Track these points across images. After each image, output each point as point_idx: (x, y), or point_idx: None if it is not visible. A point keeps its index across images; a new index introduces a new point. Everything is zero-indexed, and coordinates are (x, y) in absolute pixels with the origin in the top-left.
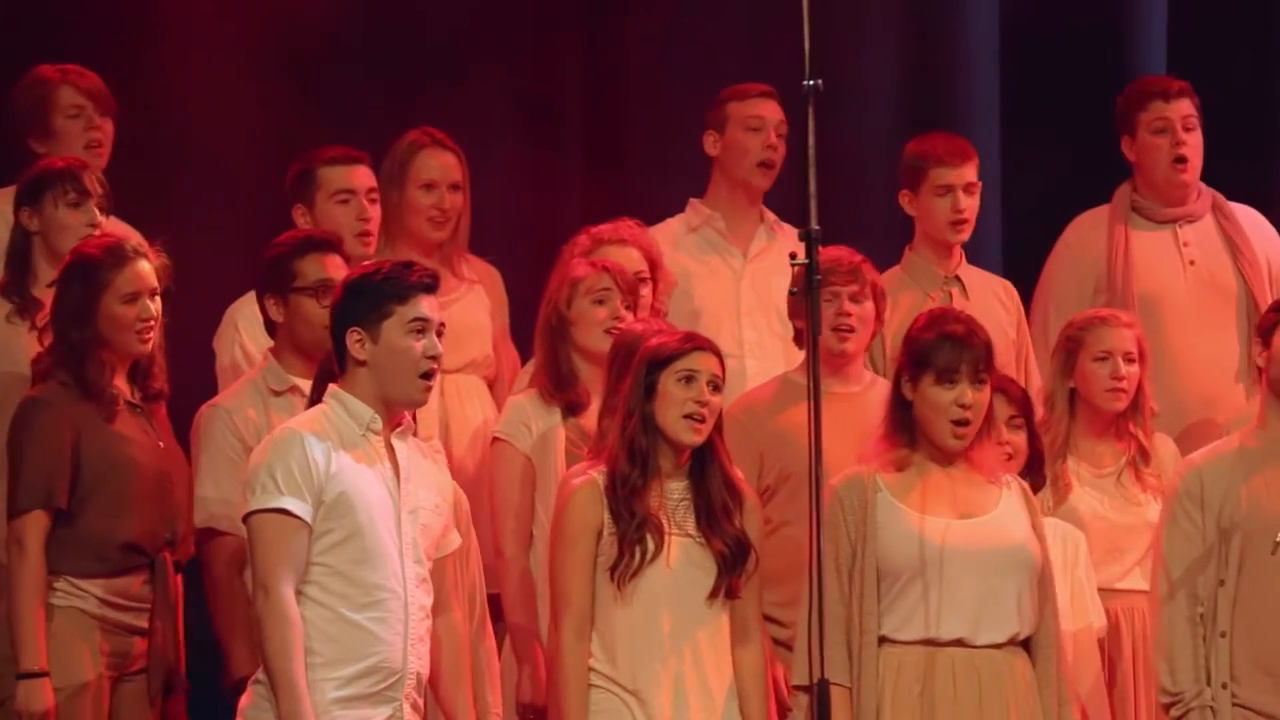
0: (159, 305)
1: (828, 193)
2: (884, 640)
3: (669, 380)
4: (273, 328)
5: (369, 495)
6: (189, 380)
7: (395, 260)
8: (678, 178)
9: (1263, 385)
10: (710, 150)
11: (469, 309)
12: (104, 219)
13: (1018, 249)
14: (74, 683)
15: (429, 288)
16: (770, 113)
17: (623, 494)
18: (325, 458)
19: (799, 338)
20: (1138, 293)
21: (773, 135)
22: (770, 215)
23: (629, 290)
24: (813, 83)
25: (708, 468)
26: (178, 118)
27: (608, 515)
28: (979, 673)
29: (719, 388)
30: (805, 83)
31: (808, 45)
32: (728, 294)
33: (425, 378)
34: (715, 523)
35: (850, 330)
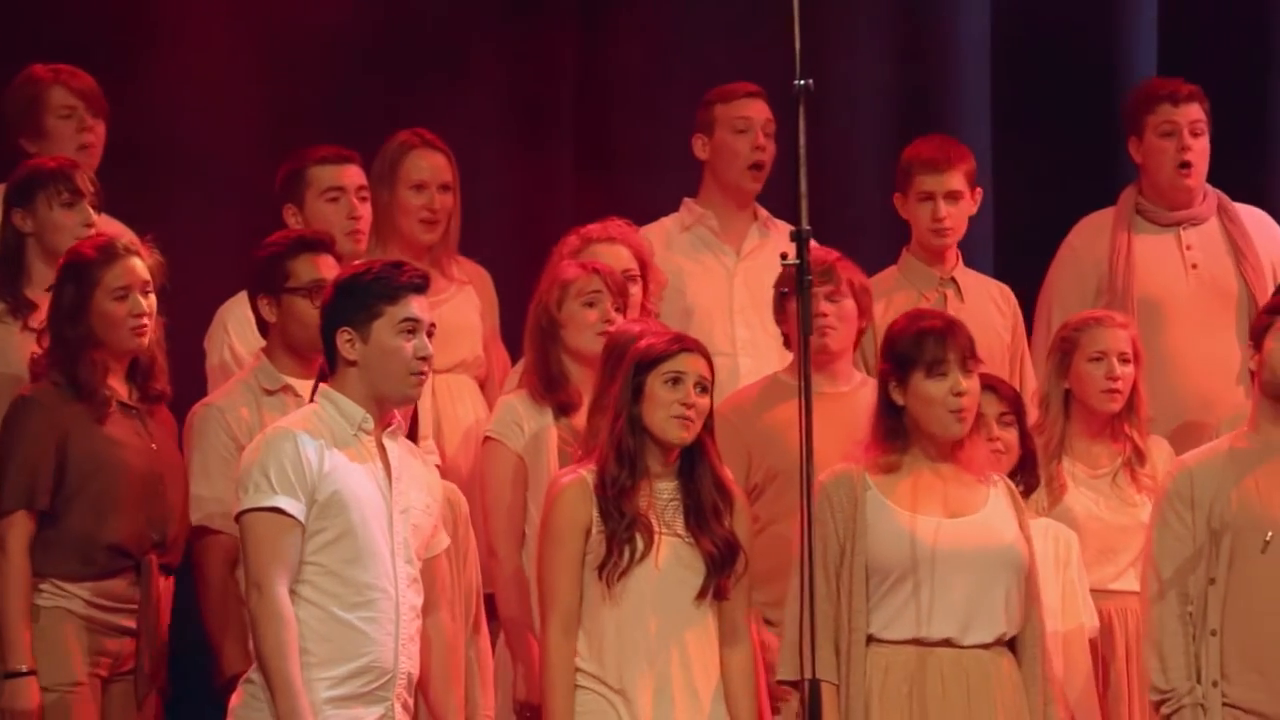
0: (153, 302)
1: (820, 193)
2: (871, 639)
3: (656, 382)
4: (265, 327)
5: (361, 494)
6: (180, 380)
7: (385, 260)
8: (669, 178)
9: (1255, 388)
10: (700, 154)
11: (459, 309)
12: (97, 217)
13: (1010, 249)
14: (64, 682)
15: (419, 288)
16: (756, 113)
17: (611, 494)
18: (318, 456)
19: (788, 342)
20: (1139, 295)
21: (760, 135)
22: (763, 213)
23: (619, 291)
24: (804, 83)
25: (698, 468)
26: (169, 118)
27: (597, 514)
28: (967, 673)
29: (707, 389)
30: (796, 83)
31: (798, 45)
32: (721, 292)
33: (416, 377)
34: (705, 523)
35: (829, 328)
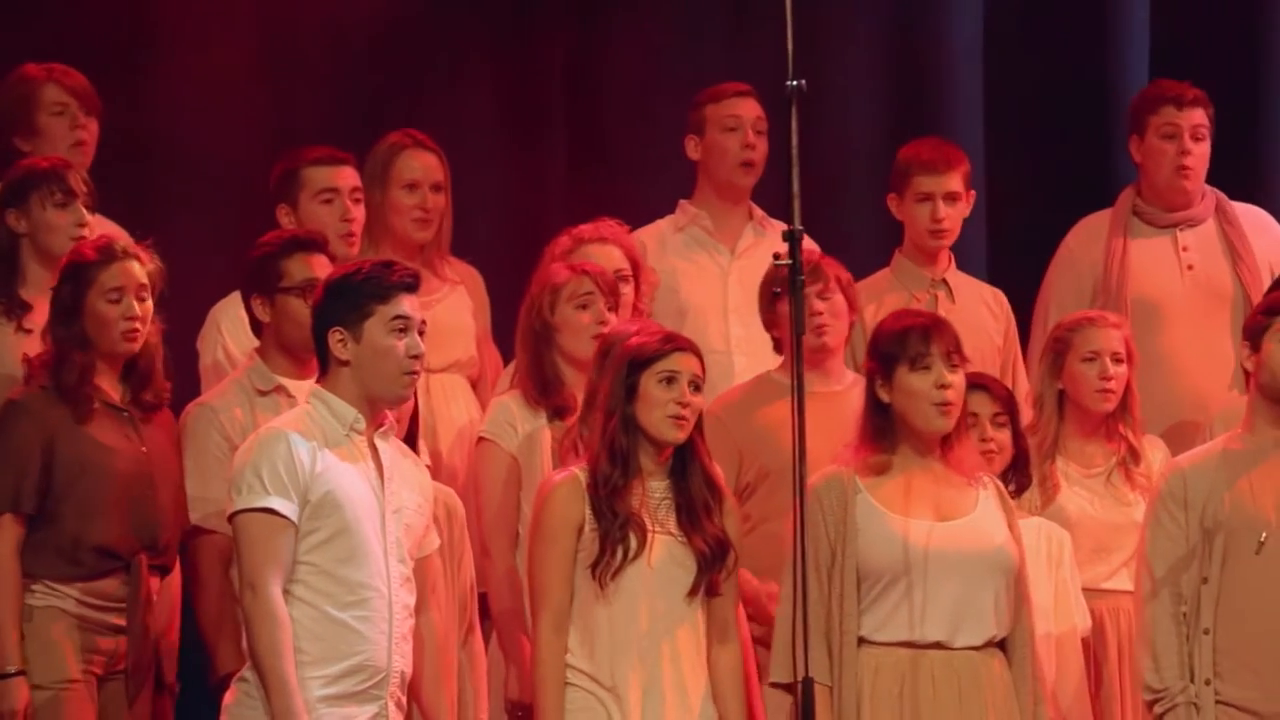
0: (148, 307)
1: (812, 194)
2: (862, 641)
3: (650, 381)
4: (259, 328)
5: (354, 494)
6: (177, 380)
7: (375, 260)
8: (662, 179)
9: (1251, 389)
10: (692, 154)
11: (453, 309)
12: (91, 217)
13: (1003, 252)
14: (57, 680)
15: (410, 286)
16: (746, 111)
17: (604, 493)
18: (310, 457)
19: (778, 346)
20: (1135, 296)
21: (750, 134)
22: (759, 212)
23: (610, 291)
24: (796, 83)
25: (689, 466)
26: (162, 118)
27: (589, 511)
28: (958, 675)
29: (699, 387)
30: (789, 83)
31: (791, 46)
32: (715, 290)
33: (408, 375)
34: (696, 521)
35: (825, 325)
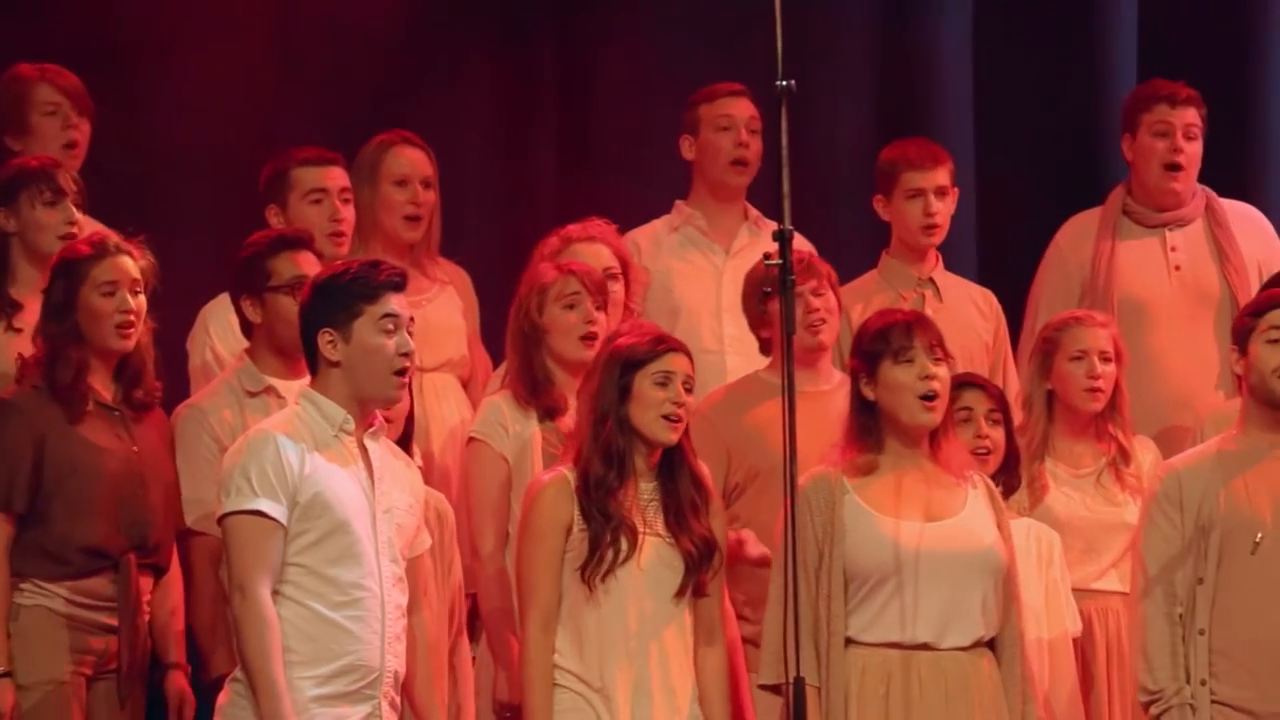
0: (141, 302)
1: (803, 194)
2: (849, 642)
3: (644, 382)
4: (249, 329)
5: (344, 495)
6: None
7: (362, 260)
8: (652, 180)
9: (1242, 391)
10: (687, 154)
11: (443, 309)
12: (80, 216)
13: (992, 251)
14: (46, 679)
15: (397, 285)
16: (740, 110)
17: (596, 495)
18: (299, 459)
19: (765, 347)
20: (1122, 297)
21: (743, 133)
22: (754, 212)
23: (598, 290)
24: (785, 83)
25: (676, 467)
26: (159, 119)
27: (578, 512)
28: (946, 675)
29: (691, 388)
30: (778, 83)
31: (780, 46)
32: (708, 289)
33: (399, 374)
34: (684, 522)
35: (821, 322)
